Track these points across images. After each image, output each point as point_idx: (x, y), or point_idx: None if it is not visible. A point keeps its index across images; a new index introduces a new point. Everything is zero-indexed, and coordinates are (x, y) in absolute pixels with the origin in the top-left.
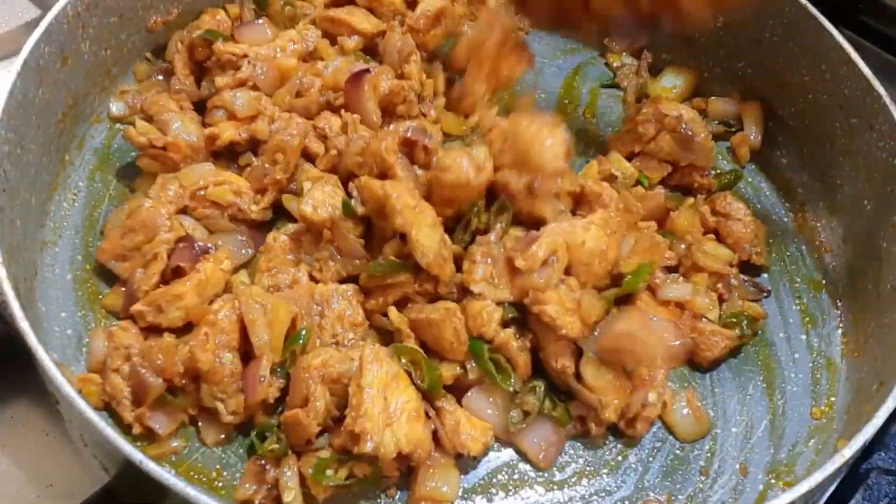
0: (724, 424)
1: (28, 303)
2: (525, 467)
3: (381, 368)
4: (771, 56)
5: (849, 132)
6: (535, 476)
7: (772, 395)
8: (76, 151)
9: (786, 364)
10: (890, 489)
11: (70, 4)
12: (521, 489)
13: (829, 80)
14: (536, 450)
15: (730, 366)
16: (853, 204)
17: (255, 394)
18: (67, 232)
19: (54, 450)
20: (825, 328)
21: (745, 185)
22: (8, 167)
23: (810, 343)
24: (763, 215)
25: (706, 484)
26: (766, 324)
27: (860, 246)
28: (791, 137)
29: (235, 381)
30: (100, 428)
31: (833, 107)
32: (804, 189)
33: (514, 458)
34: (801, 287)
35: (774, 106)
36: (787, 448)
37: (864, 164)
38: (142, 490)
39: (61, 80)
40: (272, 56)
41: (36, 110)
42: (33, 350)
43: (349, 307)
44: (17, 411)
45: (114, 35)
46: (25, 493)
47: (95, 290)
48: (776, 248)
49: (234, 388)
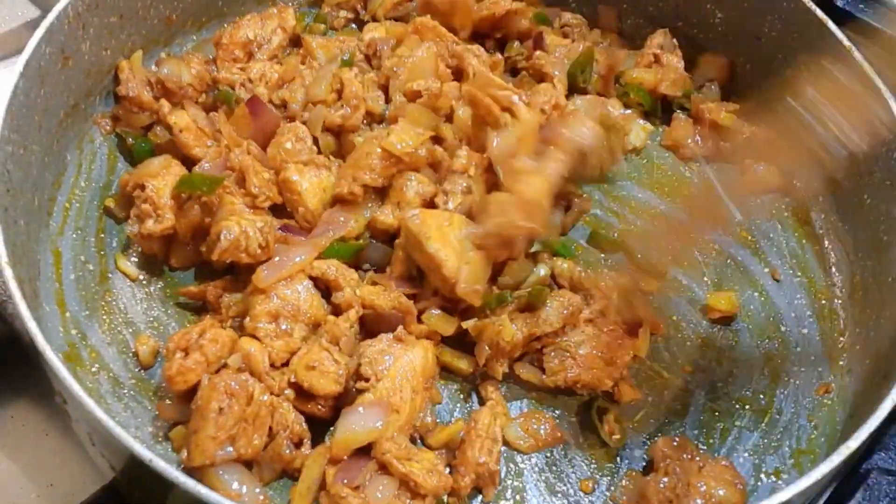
0: (729, 418)
1: (33, 303)
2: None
3: None
4: (769, 51)
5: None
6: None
7: (775, 388)
8: (77, 151)
9: (788, 358)
10: (890, 489)
11: (71, 5)
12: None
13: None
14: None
15: (731, 360)
16: (854, 198)
17: None
18: (70, 232)
19: (54, 450)
20: (827, 322)
21: None
22: (11, 167)
23: (812, 337)
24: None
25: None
26: (768, 316)
27: (861, 239)
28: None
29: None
30: (108, 426)
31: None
32: (804, 183)
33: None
34: (803, 281)
35: (774, 101)
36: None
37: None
38: (149, 488)
39: (62, 80)
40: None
41: (38, 111)
42: (41, 350)
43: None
44: (17, 411)
45: (114, 35)
46: (25, 493)
47: (99, 290)
48: (777, 241)
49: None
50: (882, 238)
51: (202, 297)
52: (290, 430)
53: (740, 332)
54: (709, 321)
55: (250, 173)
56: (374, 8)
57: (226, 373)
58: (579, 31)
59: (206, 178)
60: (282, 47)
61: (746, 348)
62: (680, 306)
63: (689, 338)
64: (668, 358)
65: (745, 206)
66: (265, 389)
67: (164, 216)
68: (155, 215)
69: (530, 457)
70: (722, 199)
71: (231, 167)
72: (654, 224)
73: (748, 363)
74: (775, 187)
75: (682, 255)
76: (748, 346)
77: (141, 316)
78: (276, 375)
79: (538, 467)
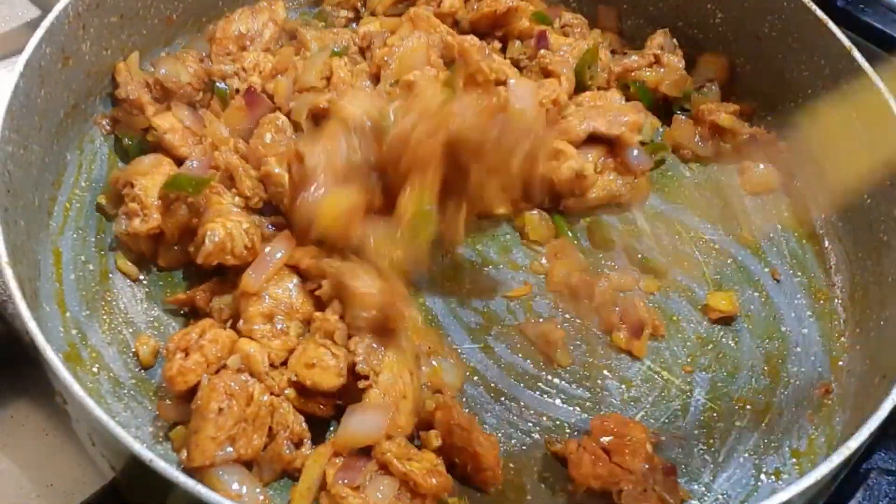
0: (729, 418)
1: (33, 303)
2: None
3: None
4: (769, 52)
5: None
6: None
7: (775, 388)
8: (77, 151)
9: (787, 358)
10: (890, 489)
11: (71, 5)
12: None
13: (828, 74)
14: None
15: (732, 360)
16: (853, 197)
17: None
18: (70, 232)
19: (54, 450)
20: (827, 322)
21: None
22: (11, 167)
23: (812, 337)
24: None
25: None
26: (768, 316)
27: (861, 239)
28: (790, 133)
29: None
30: (109, 427)
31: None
32: (804, 183)
33: None
34: (803, 281)
35: (774, 101)
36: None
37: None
38: (150, 488)
39: (63, 80)
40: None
41: (38, 111)
42: (42, 350)
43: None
44: (17, 411)
45: (114, 35)
46: (25, 493)
47: (99, 290)
48: (777, 241)
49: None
50: (882, 238)
51: (191, 303)
52: (290, 430)
53: (740, 332)
54: (709, 321)
55: (239, 174)
56: (374, 5)
57: (225, 373)
58: (580, 31)
59: (192, 180)
60: (274, 40)
61: (746, 348)
62: (680, 306)
63: (689, 338)
64: (669, 358)
65: (745, 206)
66: (265, 390)
67: (150, 216)
68: (142, 214)
69: (530, 457)
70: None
71: (215, 166)
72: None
73: (748, 363)
74: (775, 187)
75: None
76: (748, 346)
77: (141, 316)
78: (276, 375)
79: (538, 467)
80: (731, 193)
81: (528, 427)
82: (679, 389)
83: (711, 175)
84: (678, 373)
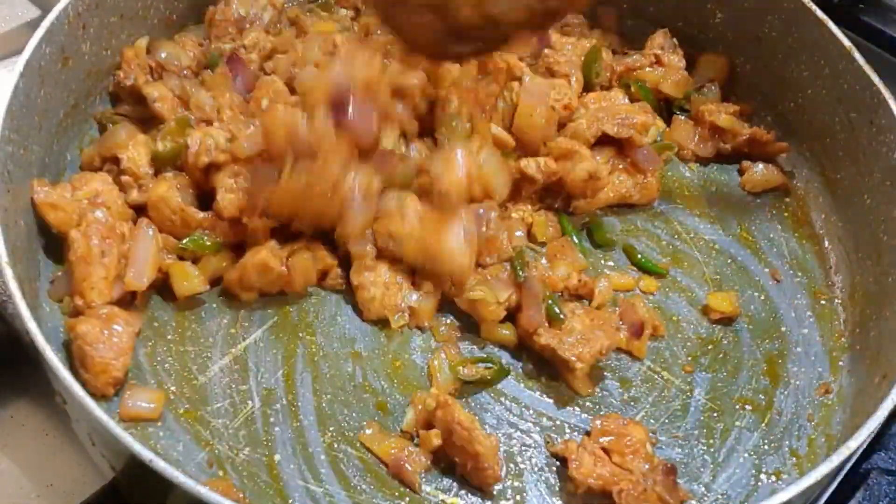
0: (729, 418)
1: (33, 303)
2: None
3: None
4: (769, 52)
5: (848, 127)
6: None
7: (775, 388)
8: (78, 151)
9: (788, 358)
10: (890, 489)
11: (71, 5)
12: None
13: (828, 74)
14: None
15: (732, 360)
16: (853, 198)
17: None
18: None
19: (54, 450)
20: (827, 322)
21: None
22: (11, 167)
23: (812, 337)
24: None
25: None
26: (768, 316)
27: (861, 239)
28: (790, 132)
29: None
30: (109, 427)
31: (832, 102)
32: (804, 183)
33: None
34: (803, 281)
35: (774, 101)
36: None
37: (863, 158)
38: (150, 488)
39: (62, 80)
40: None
41: (38, 111)
42: (41, 350)
43: None
44: (17, 411)
45: (114, 35)
46: (25, 493)
47: None
48: (777, 241)
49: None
50: (882, 238)
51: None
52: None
53: (740, 332)
54: (709, 321)
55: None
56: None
57: (90, 218)
58: (580, 31)
59: (173, 151)
60: (273, 23)
61: (746, 348)
62: (680, 306)
63: (689, 338)
64: (669, 358)
65: (746, 206)
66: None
67: (147, 185)
68: (137, 185)
69: (530, 457)
70: None
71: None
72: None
73: (748, 363)
74: (775, 187)
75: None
76: (748, 346)
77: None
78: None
79: (538, 467)
80: (731, 193)
81: (527, 427)
82: (679, 389)
83: (711, 175)
84: (678, 373)
